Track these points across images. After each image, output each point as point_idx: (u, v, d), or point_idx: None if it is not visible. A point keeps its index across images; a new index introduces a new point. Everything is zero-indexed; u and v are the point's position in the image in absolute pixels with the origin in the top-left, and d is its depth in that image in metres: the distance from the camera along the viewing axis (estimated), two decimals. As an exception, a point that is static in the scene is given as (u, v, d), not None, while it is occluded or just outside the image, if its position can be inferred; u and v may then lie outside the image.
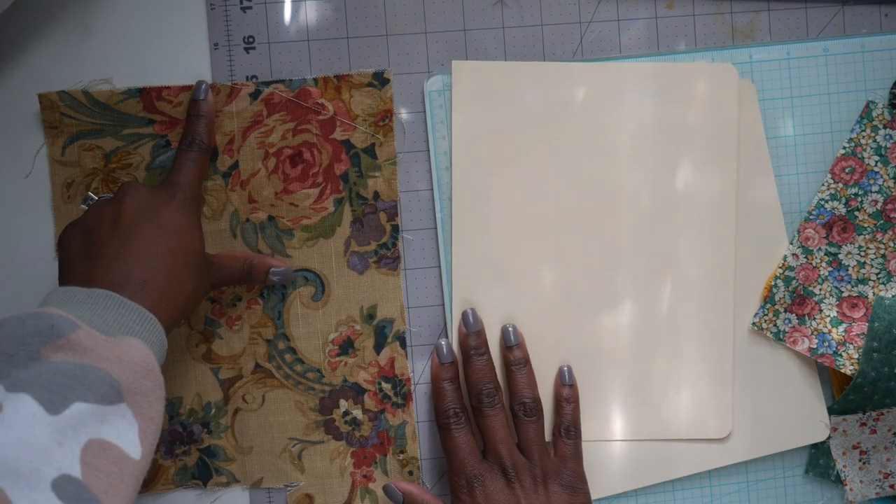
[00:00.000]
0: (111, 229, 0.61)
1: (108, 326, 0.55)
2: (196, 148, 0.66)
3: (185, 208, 0.63)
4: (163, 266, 0.60)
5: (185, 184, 0.64)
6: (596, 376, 0.71)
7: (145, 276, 0.59)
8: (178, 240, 0.62)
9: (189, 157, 0.66)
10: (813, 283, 0.71)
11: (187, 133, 0.67)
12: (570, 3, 0.71)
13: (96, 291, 0.57)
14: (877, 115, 0.71)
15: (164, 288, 0.60)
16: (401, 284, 0.71)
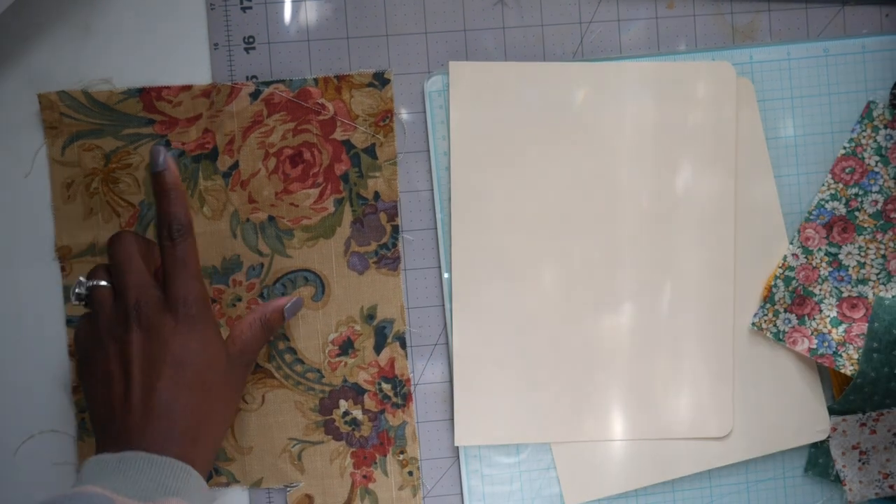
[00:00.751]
0: (125, 379, 0.59)
1: (145, 492, 0.55)
2: (177, 236, 0.61)
3: (201, 330, 0.60)
4: (186, 407, 0.58)
5: (191, 294, 0.60)
6: (596, 376, 0.71)
7: (169, 425, 0.58)
8: (197, 371, 0.60)
9: (176, 256, 0.61)
10: (813, 283, 0.71)
11: (161, 219, 0.61)
12: (570, 3, 0.71)
13: (127, 455, 0.56)
14: (877, 116, 0.71)
15: (192, 430, 0.59)
16: (401, 285, 0.71)
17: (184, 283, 0.61)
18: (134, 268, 0.61)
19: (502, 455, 0.71)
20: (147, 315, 0.60)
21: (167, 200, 0.61)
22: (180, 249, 0.61)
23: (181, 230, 0.61)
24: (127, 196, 0.69)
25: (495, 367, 0.70)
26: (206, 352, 0.60)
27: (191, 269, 0.61)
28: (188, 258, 0.61)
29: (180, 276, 0.61)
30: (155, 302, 0.60)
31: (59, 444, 0.70)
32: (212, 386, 0.61)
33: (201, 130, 0.69)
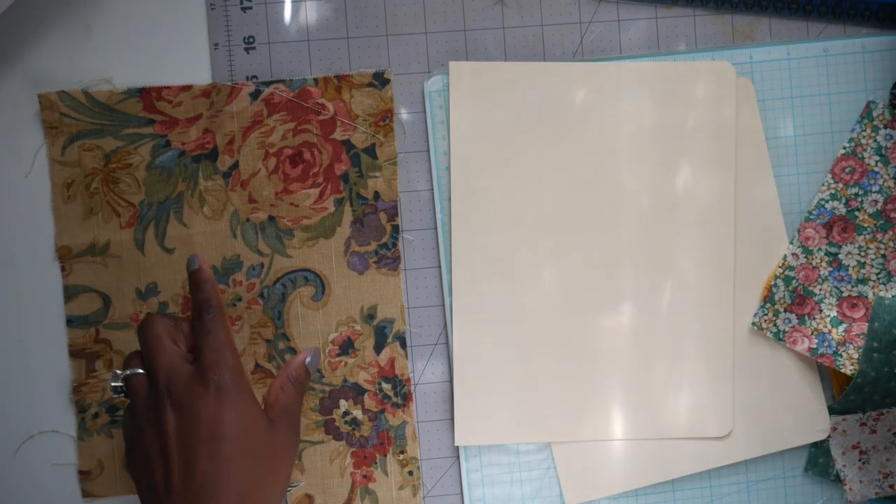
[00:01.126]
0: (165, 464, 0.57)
1: None
2: (206, 315, 0.60)
3: (234, 398, 0.58)
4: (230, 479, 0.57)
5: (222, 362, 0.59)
6: (596, 376, 0.71)
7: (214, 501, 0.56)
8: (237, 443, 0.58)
9: (204, 329, 0.60)
10: (813, 282, 0.71)
11: (194, 306, 0.61)
12: (570, 4, 0.71)
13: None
14: (877, 115, 0.71)
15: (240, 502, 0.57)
16: (401, 284, 0.71)
17: (213, 351, 0.59)
18: (162, 349, 0.60)
19: (502, 455, 0.71)
20: (178, 393, 0.58)
21: (201, 290, 0.62)
22: (209, 324, 0.60)
23: (210, 310, 0.61)
24: (127, 196, 0.69)
25: (495, 367, 0.70)
26: (242, 420, 0.58)
27: (220, 337, 0.60)
28: (217, 329, 0.60)
29: (209, 345, 0.59)
30: (185, 378, 0.59)
31: (59, 444, 0.70)
32: (255, 454, 0.58)
33: (201, 130, 0.69)
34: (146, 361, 0.60)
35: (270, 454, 0.59)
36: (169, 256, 0.69)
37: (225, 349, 0.60)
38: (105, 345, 0.69)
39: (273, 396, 0.62)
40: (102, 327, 0.69)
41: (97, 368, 0.69)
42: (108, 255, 0.69)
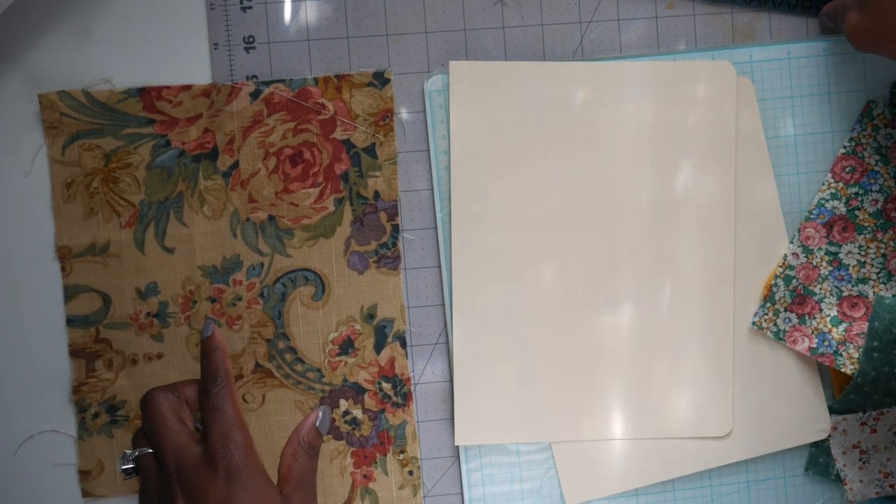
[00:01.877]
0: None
1: None
2: (213, 388, 0.58)
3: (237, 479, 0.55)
4: None
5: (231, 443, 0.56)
6: (596, 376, 0.71)
7: None
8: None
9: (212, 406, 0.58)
10: (813, 282, 0.71)
11: (203, 374, 0.59)
12: (570, 3, 0.71)
13: None
14: (877, 115, 0.71)
15: None
16: (401, 284, 0.71)
17: (220, 432, 0.57)
18: (168, 431, 0.58)
19: (502, 455, 0.71)
20: (188, 478, 0.56)
21: (210, 359, 0.60)
22: (215, 401, 0.58)
23: (216, 382, 0.58)
24: (127, 196, 0.69)
25: (495, 366, 0.70)
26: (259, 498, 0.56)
27: (227, 415, 0.57)
28: (224, 405, 0.58)
29: (216, 425, 0.57)
30: (194, 462, 0.56)
31: (59, 444, 0.70)
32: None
33: (201, 130, 0.69)
34: (152, 443, 0.58)
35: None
36: (169, 256, 0.69)
37: (233, 429, 0.57)
38: (105, 345, 0.69)
39: (286, 468, 0.59)
40: (102, 327, 0.69)
41: (97, 368, 0.69)
42: (108, 254, 0.69)
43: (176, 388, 0.60)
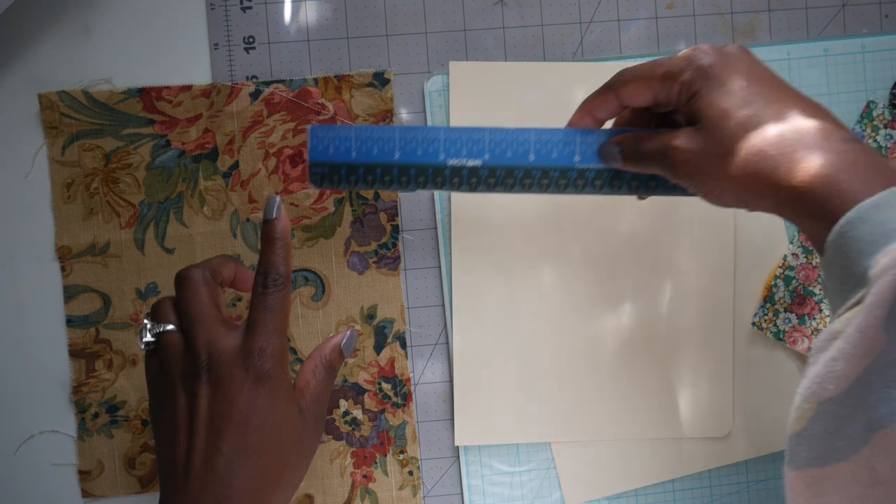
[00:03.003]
0: (190, 436, 0.55)
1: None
2: (272, 287, 0.56)
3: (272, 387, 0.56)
4: (250, 470, 0.55)
5: (269, 346, 0.56)
6: (596, 376, 0.71)
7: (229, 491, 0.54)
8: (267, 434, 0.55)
9: (266, 306, 0.56)
10: (813, 282, 0.71)
11: (261, 266, 0.57)
12: (570, 3, 0.71)
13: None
14: (877, 115, 0.71)
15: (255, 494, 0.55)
16: (401, 284, 0.71)
17: (265, 334, 0.56)
18: (204, 316, 0.57)
19: (502, 455, 0.71)
20: (217, 369, 0.55)
21: (272, 249, 0.57)
22: (271, 299, 0.56)
23: (277, 281, 0.57)
24: (127, 196, 0.69)
25: (495, 366, 0.70)
26: (274, 411, 0.56)
27: (277, 320, 0.56)
28: (277, 310, 0.57)
29: (264, 326, 0.56)
30: (228, 355, 0.56)
31: (59, 444, 0.70)
32: (280, 447, 0.56)
33: (201, 130, 0.69)
34: (186, 325, 0.57)
35: (295, 449, 0.57)
36: (169, 256, 0.69)
37: (276, 334, 0.56)
38: (105, 345, 0.69)
39: (304, 381, 0.59)
40: (102, 327, 0.69)
41: (97, 368, 0.69)
42: (108, 255, 0.69)
43: (213, 268, 0.59)
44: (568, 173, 0.60)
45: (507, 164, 0.60)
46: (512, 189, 0.61)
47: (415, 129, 0.60)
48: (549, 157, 0.60)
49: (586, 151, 0.60)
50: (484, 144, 0.60)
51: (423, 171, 0.60)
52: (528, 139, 0.60)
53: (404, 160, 0.60)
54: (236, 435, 0.55)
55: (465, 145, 0.60)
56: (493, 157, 0.60)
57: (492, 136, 0.60)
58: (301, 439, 0.57)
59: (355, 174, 0.60)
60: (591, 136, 0.60)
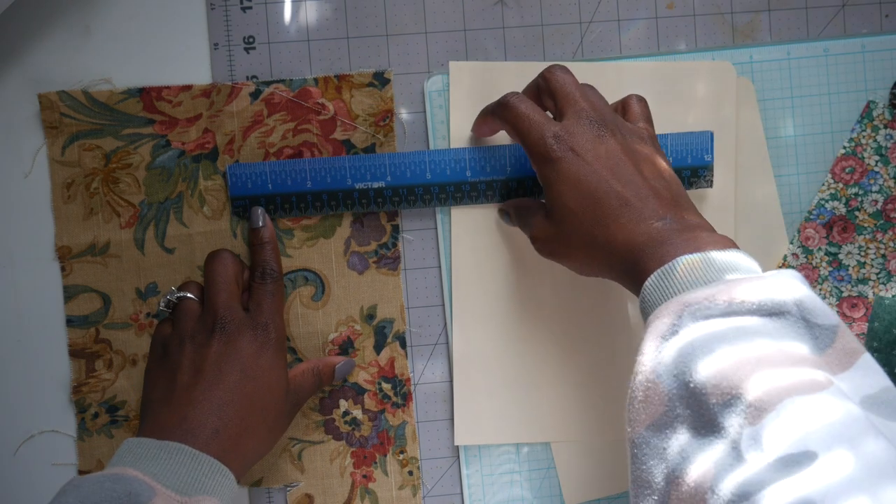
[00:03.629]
0: (194, 374, 0.62)
1: (182, 484, 0.57)
2: (269, 278, 0.66)
3: (273, 352, 0.64)
4: (241, 414, 0.62)
5: (272, 324, 0.65)
6: (596, 374, 0.71)
7: (219, 425, 0.60)
8: (261, 387, 0.63)
9: (267, 291, 0.66)
10: (813, 283, 0.71)
11: (256, 264, 0.67)
12: (570, 3, 0.71)
13: (168, 445, 0.58)
14: (877, 115, 0.71)
15: (239, 437, 0.61)
16: (401, 284, 0.71)
17: (269, 312, 0.65)
18: (228, 289, 0.65)
19: (503, 455, 0.71)
20: (229, 328, 0.63)
21: (263, 250, 0.67)
22: (271, 287, 0.66)
23: (273, 274, 0.67)
24: (127, 196, 0.69)
25: (495, 366, 0.70)
26: (272, 373, 0.64)
27: (277, 304, 0.66)
28: (277, 295, 0.66)
29: (267, 306, 0.65)
30: (240, 320, 0.64)
31: (59, 444, 0.70)
32: (266, 406, 0.63)
33: (201, 130, 0.69)
34: (208, 291, 0.66)
35: (273, 415, 0.64)
36: (169, 256, 0.69)
37: (277, 314, 0.66)
38: (105, 345, 0.69)
39: (293, 375, 0.66)
40: (102, 327, 0.69)
41: (97, 368, 0.69)
42: (108, 255, 0.69)
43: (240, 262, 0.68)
44: (462, 187, 0.69)
45: (406, 184, 0.68)
46: (415, 205, 0.69)
47: (322, 161, 0.68)
48: (443, 174, 0.68)
49: (475, 167, 0.69)
50: (385, 168, 0.68)
51: (334, 195, 0.68)
52: (423, 160, 0.68)
53: (315, 187, 0.68)
54: (237, 380, 0.62)
55: (369, 170, 0.68)
56: (394, 178, 0.68)
57: (391, 160, 0.68)
58: (280, 411, 0.64)
59: (273, 203, 0.68)
60: (478, 153, 0.68)
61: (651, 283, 0.55)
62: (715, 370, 0.48)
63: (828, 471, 0.44)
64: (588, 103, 0.61)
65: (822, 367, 0.49)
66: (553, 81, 0.63)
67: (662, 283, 0.54)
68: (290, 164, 0.68)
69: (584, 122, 0.60)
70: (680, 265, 0.54)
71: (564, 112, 0.62)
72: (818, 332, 0.50)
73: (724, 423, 0.47)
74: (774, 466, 0.45)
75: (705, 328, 0.50)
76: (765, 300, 0.50)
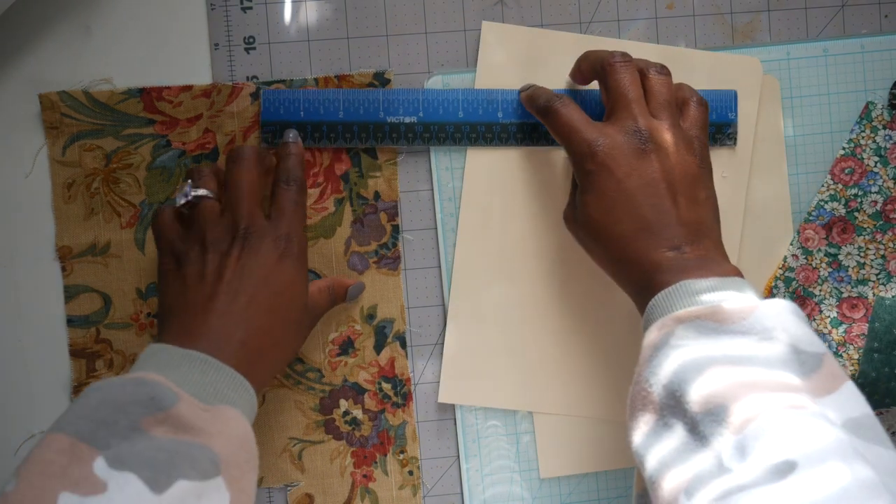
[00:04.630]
0: (216, 282, 0.60)
1: (205, 393, 0.55)
2: (295, 185, 0.64)
3: (295, 264, 0.63)
4: (264, 326, 0.60)
5: (295, 235, 0.63)
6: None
7: (244, 337, 0.59)
8: (283, 299, 0.62)
9: (290, 198, 0.64)
10: (813, 283, 0.71)
11: (282, 171, 0.65)
12: (570, 3, 0.71)
13: (192, 354, 0.57)
14: (876, 116, 0.71)
15: (262, 349, 0.60)
16: (401, 284, 0.71)
17: (291, 222, 0.63)
18: (252, 196, 0.63)
19: (503, 455, 0.71)
20: (253, 239, 0.61)
21: (288, 159, 0.65)
22: (295, 194, 0.64)
23: (297, 181, 0.64)
24: (128, 196, 0.69)
25: (490, 327, 0.70)
26: (294, 286, 0.63)
27: (300, 214, 0.64)
28: (300, 203, 0.64)
29: (291, 215, 0.63)
30: (262, 228, 0.62)
31: (59, 444, 0.70)
32: (287, 318, 0.63)
33: (202, 130, 0.69)
34: (232, 197, 0.63)
35: (295, 325, 0.64)
36: (169, 256, 0.69)
37: (300, 224, 0.64)
38: (105, 345, 0.69)
39: (310, 291, 0.66)
40: (103, 327, 0.69)
41: (97, 368, 0.69)
42: (109, 255, 0.69)
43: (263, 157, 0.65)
44: (493, 127, 0.69)
45: (439, 121, 0.69)
46: (444, 142, 0.69)
47: (355, 92, 0.68)
48: (475, 114, 0.69)
49: (507, 108, 0.69)
50: (418, 104, 0.68)
51: (365, 127, 0.68)
52: (456, 98, 0.69)
53: (347, 118, 0.68)
54: (259, 292, 0.60)
55: (402, 105, 0.68)
56: (426, 115, 0.69)
57: (425, 96, 0.69)
58: (301, 324, 0.65)
59: (304, 131, 0.68)
60: (510, 95, 0.69)
61: (654, 303, 0.57)
62: (705, 388, 0.51)
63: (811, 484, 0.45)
64: (640, 109, 0.62)
65: (808, 391, 0.51)
66: (611, 77, 0.63)
67: (665, 303, 0.56)
68: (323, 93, 0.68)
69: (629, 132, 0.61)
70: (683, 288, 0.56)
71: (614, 112, 0.62)
72: (805, 357, 0.52)
73: (709, 435, 0.50)
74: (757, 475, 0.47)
75: (699, 347, 0.53)
76: (756, 325, 0.53)
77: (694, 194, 0.60)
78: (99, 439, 0.51)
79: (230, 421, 0.55)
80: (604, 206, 0.60)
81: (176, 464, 0.51)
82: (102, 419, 0.52)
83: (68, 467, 0.49)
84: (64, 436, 0.51)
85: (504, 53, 0.70)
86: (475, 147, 0.69)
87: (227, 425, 0.55)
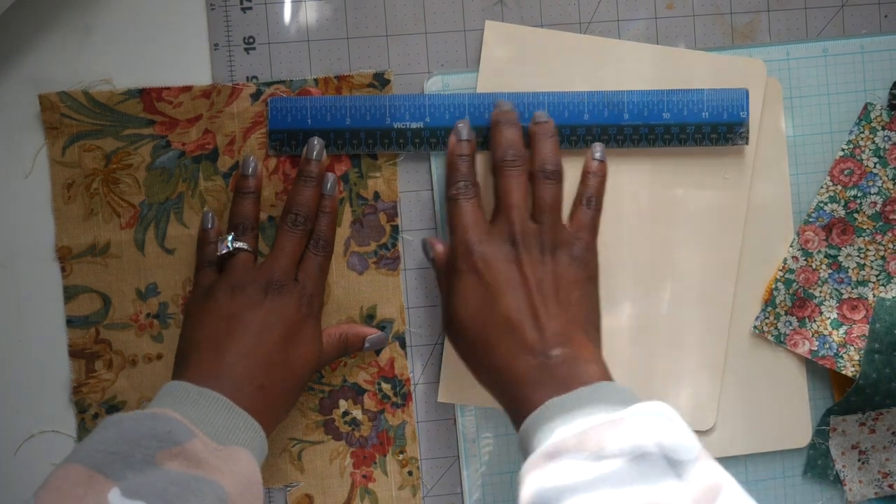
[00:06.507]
0: (243, 326, 0.63)
1: (218, 432, 0.57)
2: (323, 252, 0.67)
3: (314, 324, 0.65)
4: (282, 376, 0.63)
5: (316, 297, 0.66)
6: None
7: (263, 383, 0.61)
8: (299, 353, 0.64)
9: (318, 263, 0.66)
10: (813, 285, 0.71)
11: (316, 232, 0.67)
12: (570, 3, 0.71)
13: (208, 393, 0.59)
14: (875, 117, 0.71)
15: (277, 396, 0.62)
16: (400, 285, 0.71)
17: (316, 284, 0.66)
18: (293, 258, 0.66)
19: (503, 455, 0.71)
20: (283, 294, 0.64)
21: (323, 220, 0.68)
22: (322, 259, 0.67)
23: (327, 247, 0.67)
24: (127, 196, 0.69)
25: None
26: (310, 343, 0.65)
27: (323, 276, 0.67)
28: (323, 269, 0.67)
29: (315, 280, 0.66)
30: (291, 287, 0.65)
31: (59, 444, 0.70)
32: (301, 373, 0.64)
33: (202, 131, 0.69)
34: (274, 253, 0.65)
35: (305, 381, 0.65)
36: (169, 257, 0.69)
37: (322, 287, 0.67)
38: (105, 345, 0.69)
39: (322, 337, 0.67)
40: (102, 327, 0.69)
41: (97, 368, 0.69)
42: (109, 255, 0.69)
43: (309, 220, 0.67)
44: None
45: (445, 126, 0.68)
46: None
47: (362, 98, 0.68)
48: (482, 119, 0.68)
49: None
50: (425, 109, 0.68)
51: (372, 133, 0.68)
52: (462, 103, 0.68)
53: (354, 125, 0.68)
54: (281, 339, 0.63)
55: (408, 110, 0.68)
56: (433, 120, 0.68)
57: (431, 101, 0.68)
58: (307, 380, 0.66)
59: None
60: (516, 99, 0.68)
61: (525, 427, 0.57)
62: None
63: None
64: (518, 215, 0.63)
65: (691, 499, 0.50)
66: (498, 180, 0.65)
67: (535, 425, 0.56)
68: (330, 100, 0.68)
69: (504, 238, 0.63)
70: (549, 409, 0.56)
71: (496, 215, 0.64)
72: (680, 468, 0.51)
73: None
74: None
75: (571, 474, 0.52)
76: (625, 446, 0.52)
77: (565, 297, 0.61)
78: (115, 471, 0.53)
79: (241, 462, 0.57)
80: (470, 308, 0.61)
81: (185, 497, 0.53)
82: (119, 451, 0.53)
83: (84, 497, 0.51)
84: (82, 466, 0.52)
85: (507, 53, 0.70)
86: (480, 151, 0.68)
87: (238, 465, 0.56)
